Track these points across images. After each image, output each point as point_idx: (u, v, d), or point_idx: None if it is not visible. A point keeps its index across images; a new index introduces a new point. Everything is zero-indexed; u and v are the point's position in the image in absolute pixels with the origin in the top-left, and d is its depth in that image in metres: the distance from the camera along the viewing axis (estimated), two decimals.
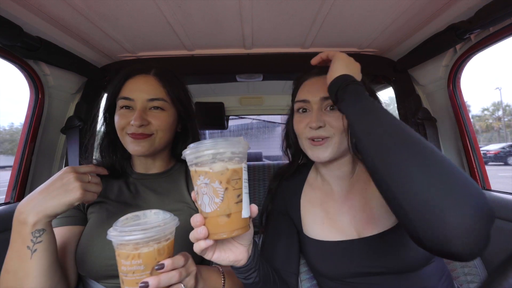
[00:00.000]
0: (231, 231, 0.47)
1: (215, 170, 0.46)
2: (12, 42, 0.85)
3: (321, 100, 0.74)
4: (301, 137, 0.77)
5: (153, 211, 0.54)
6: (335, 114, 0.73)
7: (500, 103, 37.12)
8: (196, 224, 0.48)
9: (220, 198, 0.46)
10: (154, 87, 0.76)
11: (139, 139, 0.73)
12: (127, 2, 0.85)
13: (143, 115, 0.72)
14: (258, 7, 0.91)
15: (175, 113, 0.81)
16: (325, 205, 0.78)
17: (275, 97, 2.20)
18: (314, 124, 0.71)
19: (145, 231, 0.46)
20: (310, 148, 0.75)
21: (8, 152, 31.72)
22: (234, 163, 0.47)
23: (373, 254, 0.68)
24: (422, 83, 1.30)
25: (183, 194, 0.80)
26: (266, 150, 5.07)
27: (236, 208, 0.47)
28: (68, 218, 0.73)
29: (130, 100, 0.74)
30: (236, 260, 0.54)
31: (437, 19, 0.97)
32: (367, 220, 0.71)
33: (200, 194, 0.47)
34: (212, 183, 0.46)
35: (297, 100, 0.79)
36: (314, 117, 0.73)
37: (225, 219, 0.46)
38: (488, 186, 1.14)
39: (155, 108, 0.75)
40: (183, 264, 0.51)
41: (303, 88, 0.79)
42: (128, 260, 0.46)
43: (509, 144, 14.98)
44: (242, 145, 0.48)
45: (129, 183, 0.81)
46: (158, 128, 0.75)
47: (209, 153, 0.46)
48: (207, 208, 0.47)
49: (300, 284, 0.81)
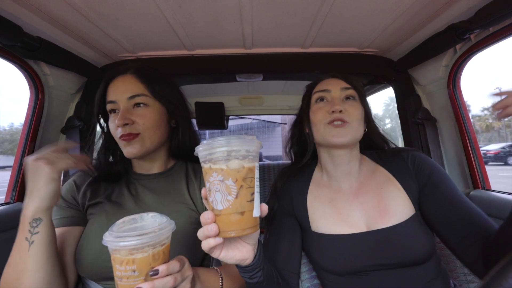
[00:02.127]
0: (242, 230, 0.47)
1: (231, 168, 0.46)
2: (12, 42, 0.85)
3: (341, 90, 0.80)
4: (320, 124, 0.78)
5: (150, 214, 0.54)
6: (353, 103, 0.78)
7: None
8: (207, 221, 0.47)
9: (233, 196, 0.46)
10: (132, 85, 0.76)
11: (128, 141, 0.73)
12: (127, 2, 0.85)
13: (126, 115, 0.72)
14: (258, 7, 0.91)
15: (161, 108, 0.79)
16: (334, 202, 0.79)
17: (275, 97, 2.20)
18: (337, 107, 0.75)
19: (140, 237, 0.45)
20: (330, 131, 0.76)
21: (8, 152, 31.72)
22: (249, 161, 0.47)
23: (384, 247, 0.69)
24: (422, 83, 1.30)
25: (183, 194, 0.80)
26: (266, 150, 5.08)
27: (248, 206, 0.47)
28: (67, 218, 0.73)
29: (114, 102, 0.75)
30: (243, 259, 0.54)
31: (437, 19, 0.97)
32: (380, 214, 0.73)
33: (213, 191, 0.47)
34: (226, 180, 0.46)
35: (317, 91, 0.83)
36: (337, 101, 0.77)
37: (237, 217, 0.46)
38: (488, 186, 1.14)
39: (137, 105, 0.75)
40: (178, 269, 0.50)
41: (321, 84, 0.85)
42: (123, 265, 0.45)
43: (509, 144, 14.98)
44: (256, 144, 0.49)
45: (129, 184, 0.81)
46: (144, 127, 0.74)
47: (224, 150, 0.46)
48: (219, 205, 0.46)
49: (300, 284, 0.81)
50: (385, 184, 0.77)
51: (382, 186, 0.77)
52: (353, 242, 0.72)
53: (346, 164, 0.80)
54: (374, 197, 0.76)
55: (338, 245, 0.73)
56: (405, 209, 0.72)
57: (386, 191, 0.76)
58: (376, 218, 0.73)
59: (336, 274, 0.73)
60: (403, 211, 0.72)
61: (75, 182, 0.79)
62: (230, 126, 3.14)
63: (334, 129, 0.75)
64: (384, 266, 0.69)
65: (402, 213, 0.72)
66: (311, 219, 0.80)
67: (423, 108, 1.29)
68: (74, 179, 0.80)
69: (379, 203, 0.75)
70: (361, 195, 0.78)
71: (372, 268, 0.69)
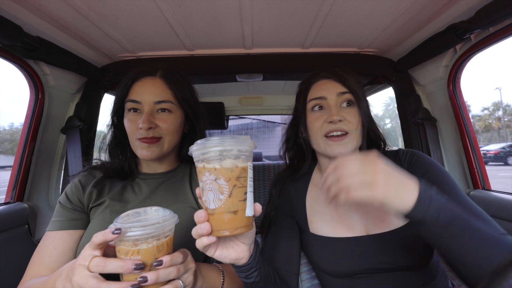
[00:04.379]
0: (235, 229, 0.47)
1: (224, 167, 0.46)
2: (12, 42, 0.85)
3: (337, 95, 0.75)
4: (318, 134, 0.76)
5: (153, 208, 0.55)
6: (352, 110, 0.74)
7: (500, 103, 37.14)
8: (200, 220, 0.48)
9: (225, 195, 0.46)
10: (161, 89, 0.76)
11: (149, 144, 0.73)
12: (127, 2, 0.85)
13: (150, 118, 0.73)
14: (258, 7, 0.91)
15: (182, 114, 0.81)
16: (333, 204, 0.78)
17: (275, 97, 2.20)
18: (335, 117, 0.71)
19: (144, 228, 0.46)
20: (329, 145, 0.74)
21: (8, 152, 31.72)
22: (242, 161, 0.48)
23: (383, 251, 0.69)
24: (422, 83, 1.30)
25: (186, 194, 0.80)
26: (266, 150, 5.08)
27: (240, 206, 0.47)
28: (71, 221, 0.72)
29: (138, 103, 0.74)
30: (238, 258, 0.54)
31: (437, 19, 0.97)
32: (379, 218, 0.72)
33: (205, 190, 0.48)
34: (218, 179, 0.46)
35: (311, 98, 0.78)
36: (334, 111, 0.73)
37: (229, 216, 0.47)
38: (488, 186, 1.14)
39: (162, 110, 0.76)
40: (181, 260, 0.51)
41: (316, 87, 0.80)
42: (128, 256, 0.46)
43: (509, 144, 14.98)
44: (248, 144, 0.49)
45: (134, 183, 0.81)
46: (166, 132, 0.75)
47: (217, 149, 0.46)
48: (211, 204, 0.47)
49: (300, 284, 0.81)
50: None
51: None
52: (352, 245, 0.71)
53: None
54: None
55: (336, 248, 0.72)
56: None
57: None
58: (376, 222, 0.72)
59: (334, 276, 0.73)
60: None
61: (80, 182, 0.78)
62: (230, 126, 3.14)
63: (334, 143, 0.73)
64: (382, 270, 0.68)
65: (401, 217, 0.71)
66: (309, 221, 0.80)
67: (423, 108, 1.29)
68: (79, 179, 0.79)
69: (378, 206, 0.74)
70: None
71: (370, 271, 0.69)
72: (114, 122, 0.82)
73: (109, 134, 0.83)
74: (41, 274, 0.65)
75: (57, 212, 0.73)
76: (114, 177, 0.80)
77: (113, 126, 0.82)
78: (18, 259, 0.98)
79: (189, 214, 0.75)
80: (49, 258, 0.67)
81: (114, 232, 0.45)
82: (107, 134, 0.83)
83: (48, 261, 0.67)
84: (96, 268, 0.45)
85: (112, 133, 0.83)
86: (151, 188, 0.80)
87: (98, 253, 0.47)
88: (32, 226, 1.10)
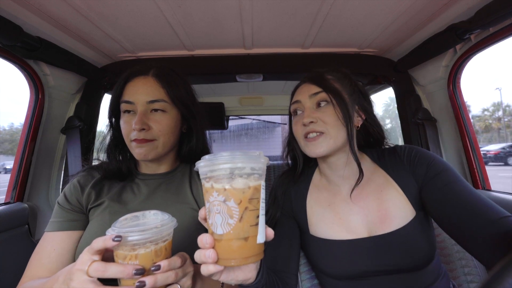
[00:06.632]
0: (244, 258, 0.41)
1: (235, 187, 0.41)
2: (12, 42, 0.85)
3: (310, 97, 0.77)
4: (299, 138, 0.79)
5: (152, 212, 0.54)
6: (326, 110, 0.74)
7: (500, 103, 37.13)
8: (205, 246, 0.43)
9: (234, 219, 0.41)
10: (153, 88, 0.75)
11: (142, 143, 0.73)
12: (127, 2, 0.85)
13: (143, 119, 0.72)
14: (258, 7, 0.91)
15: (177, 114, 0.79)
16: (334, 205, 0.78)
17: (275, 97, 2.19)
18: (305, 120, 0.74)
19: (142, 233, 0.46)
20: (306, 145, 0.77)
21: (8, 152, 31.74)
22: (254, 179, 0.42)
23: (384, 253, 0.68)
24: (422, 83, 1.30)
25: (186, 194, 0.80)
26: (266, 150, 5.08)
27: (252, 231, 0.42)
28: (70, 222, 0.72)
29: (131, 103, 0.74)
30: (245, 279, 0.52)
31: (437, 19, 0.97)
32: (381, 219, 0.72)
33: (212, 212, 0.42)
34: (228, 201, 0.41)
35: (291, 102, 0.83)
36: (306, 113, 0.76)
37: (239, 243, 0.41)
38: (488, 187, 1.14)
39: (156, 110, 0.75)
40: (179, 265, 0.50)
41: (296, 92, 0.84)
42: (126, 260, 0.46)
43: (509, 145, 14.98)
44: (262, 161, 0.43)
45: (133, 183, 0.81)
46: (160, 133, 0.74)
47: (226, 167, 0.41)
48: (218, 229, 0.42)
49: (300, 284, 0.81)
50: (385, 187, 0.76)
51: (382, 189, 0.76)
52: (353, 247, 0.71)
53: (343, 169, 0.79)
54: (374, 201, 0.74)
55: (337, 250, 0.72)
56: (405, 213, 0.71)
57: (385, 194, 0.74)
58: (377, 223, 0.72)
59: (334, 278, 0.73)
60: (403, 215, 0.70)
61: (79, 182, 0.77)
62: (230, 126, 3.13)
63: (310, 144, 0.75)
64: (383, 271, 0.68)
65: (402, 217, 0.70)
66: (309, 222, 0.80)
67: (423, 108, 1.29)
68: (78, 179, 0.78)
69: (379, 207, 0.73)
70: (361, 199, 0.76)
71: (371, 273, 0.69)
72: (112, 124, 0.82)
73: (108, 135, 0.82)
74: (39, 275, 0.65)
75: (55, 213, 0.73)
76: (112, 178, 0.79)
77: (112, 128, 0.82)
78: (18, 259, 0.98)
79: (189, 215, 0.75)
80: (47, 259, 0.67)
81: (114, 240, 0.44)
82: (106, 135, 0.83)
83: (46, 262, 0.66)
84: (96, 273, 0.45)
85: (111, 134, 0.82)
86: (150, 189, 0.79)
87: (97, 258, 0.47)
88: (32, 226, 1.10)
